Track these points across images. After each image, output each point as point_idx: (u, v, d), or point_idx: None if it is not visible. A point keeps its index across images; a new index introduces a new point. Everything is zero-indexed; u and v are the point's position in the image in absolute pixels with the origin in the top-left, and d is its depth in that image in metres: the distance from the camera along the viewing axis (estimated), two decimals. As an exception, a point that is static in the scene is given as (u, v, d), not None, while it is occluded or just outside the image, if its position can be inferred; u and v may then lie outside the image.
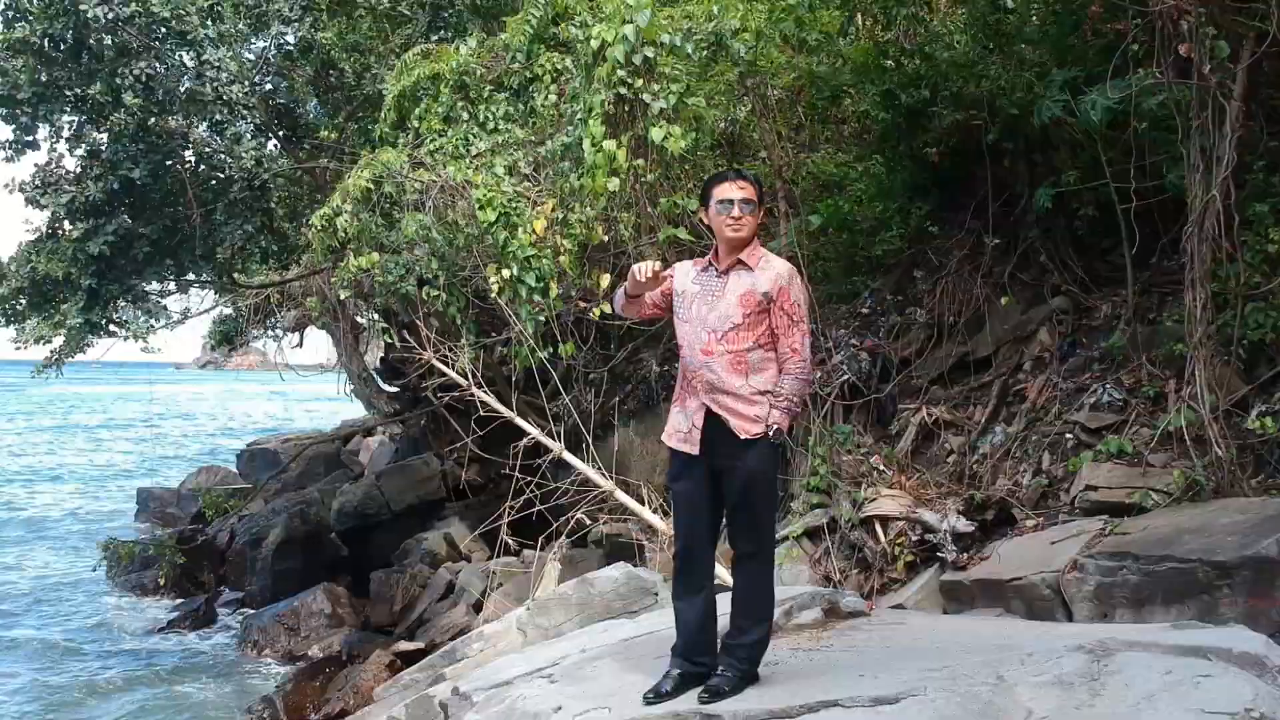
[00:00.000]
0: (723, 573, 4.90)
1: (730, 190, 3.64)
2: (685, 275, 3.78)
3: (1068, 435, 6.68)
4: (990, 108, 7.30)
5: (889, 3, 7.72)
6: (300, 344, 17.81)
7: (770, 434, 3.51)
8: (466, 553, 11.33)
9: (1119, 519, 5.79)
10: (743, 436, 3.52)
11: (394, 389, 14.53)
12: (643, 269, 3.67)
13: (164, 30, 9.63)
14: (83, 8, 8.85)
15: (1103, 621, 5.28)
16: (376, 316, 14.19)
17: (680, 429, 3.68)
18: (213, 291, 13.85)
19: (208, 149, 10.43)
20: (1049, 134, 7.18)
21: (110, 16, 9.01)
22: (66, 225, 10.46)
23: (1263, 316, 6.05)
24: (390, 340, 14.64)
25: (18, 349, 12.67)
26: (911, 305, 8.03)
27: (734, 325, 3.57)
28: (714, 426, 3.58)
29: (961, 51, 7.59)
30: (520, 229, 7.14)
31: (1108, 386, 6.66)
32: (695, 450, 3.61)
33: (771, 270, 3.63)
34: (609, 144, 7.00)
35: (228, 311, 17.46)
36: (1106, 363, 6.87)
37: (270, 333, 17.64)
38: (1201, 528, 5.29)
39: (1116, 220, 6.64)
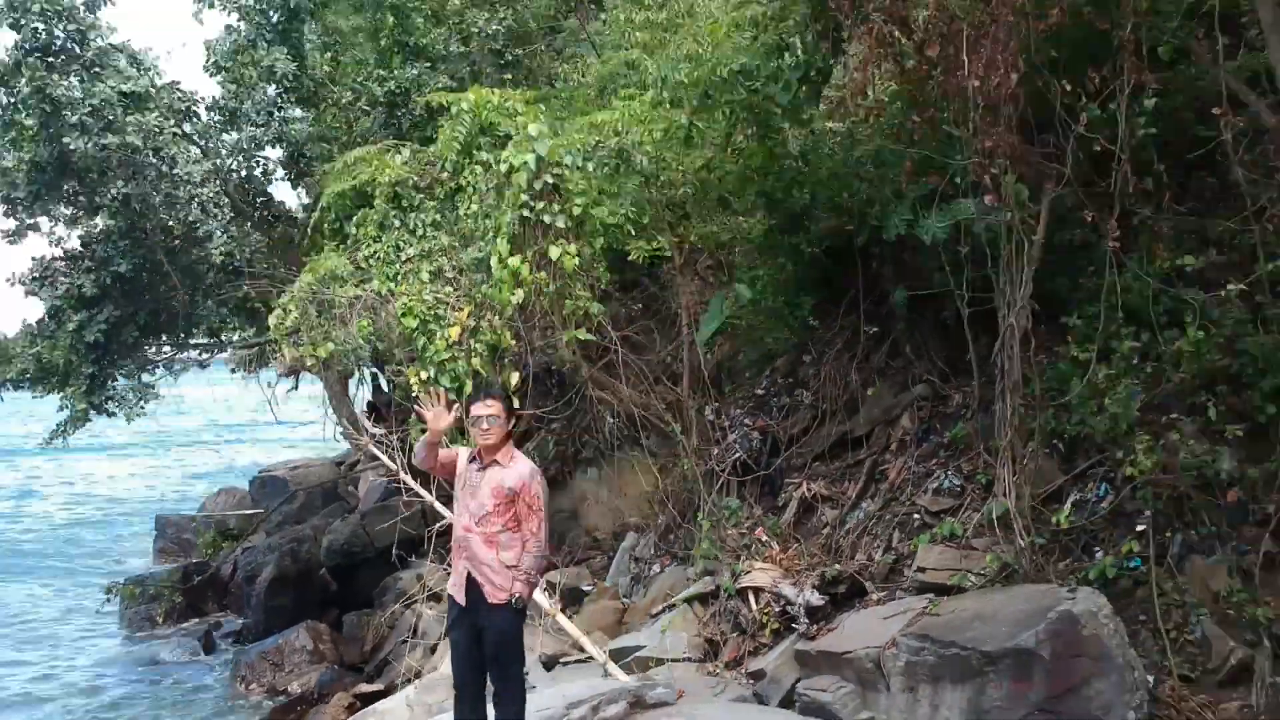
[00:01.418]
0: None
1: (479, 409, 4.71)
2: (464, 460, 4.79)
3: (915, 515, 7.53)
4: (860, 217, 8.13)
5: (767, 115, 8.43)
6: (295, 388, 18.80)
7: (513, 601, 4.51)
8: (439, 593, 12.27)
9: (941, 598, 6.64)
10: (491, 601, 4.53)
11: (380, 431, 15.50)
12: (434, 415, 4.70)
13: (142, 148, 10.69)
14: (65, 140, 10.01)
15: (909, 695, 6.15)
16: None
17: (453, 582, 4.76)
18: (199, 353, 14.94)
19: (186, 241, 11.52)
20: (907, 241, 8.00)
21: (90, 147, 10.12)
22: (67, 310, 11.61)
23: (1075, 415, 6.85)
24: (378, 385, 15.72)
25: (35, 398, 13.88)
26: (799, 388, 8.90)
27: (487, 512, 4.64)
28: (475, 588, 4.64)
29: (836, 164, 8.40)
30: (438, 334, 8.11)
31: (949, 473, 7.50)
32: (463, 601, 4.67)
33: (516, 470, 4.68)
34: (514, 260, 7.93)
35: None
36: (952, 449, 7.69)
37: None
38: (993, 614, 6.09)
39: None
